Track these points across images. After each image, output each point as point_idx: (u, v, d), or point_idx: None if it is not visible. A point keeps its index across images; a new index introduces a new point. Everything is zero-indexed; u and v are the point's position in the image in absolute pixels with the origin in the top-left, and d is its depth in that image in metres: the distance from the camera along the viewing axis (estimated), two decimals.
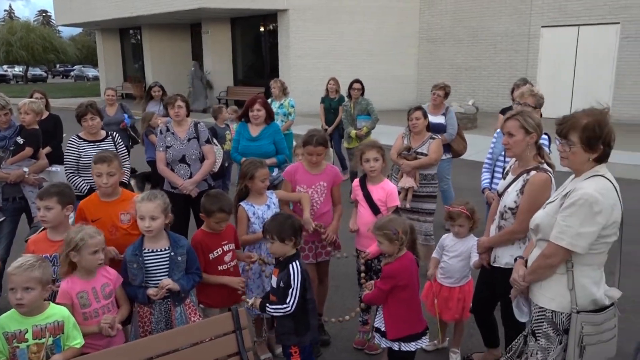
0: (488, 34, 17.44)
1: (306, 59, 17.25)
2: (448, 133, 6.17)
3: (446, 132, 6.16)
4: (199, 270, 3.18)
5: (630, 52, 14.60)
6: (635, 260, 5.42)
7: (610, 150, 2.48)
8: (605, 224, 2.41)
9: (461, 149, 6.36)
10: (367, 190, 3.86)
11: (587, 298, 2.49)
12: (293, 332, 3.05)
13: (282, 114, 8.04)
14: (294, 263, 3.02)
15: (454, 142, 6.27)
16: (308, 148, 3.82)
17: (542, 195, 2.93)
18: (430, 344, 4.02)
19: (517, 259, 2.83)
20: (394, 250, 3.11)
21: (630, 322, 4.33)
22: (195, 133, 4.94)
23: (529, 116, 3.09)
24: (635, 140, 12.21)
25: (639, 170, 9.24)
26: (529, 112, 3.16)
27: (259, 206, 3.74)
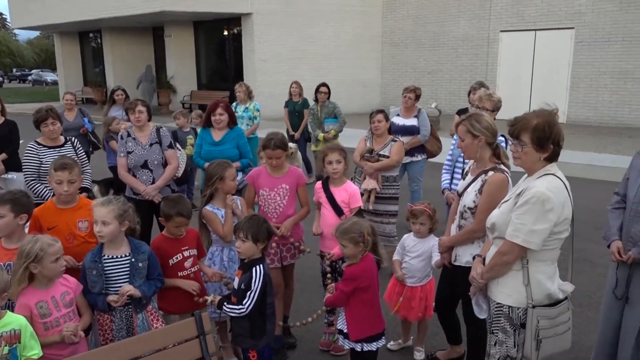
0: (449, 38, 17.81)
1: (271, 62, 17.24)
2: (421, 134, 6.28)
3: (420, 134, 6.27)
4: (161, 276, 3.14)
5: (585, 56, 15.15)
6: (589, 257, 5.63)
7: (559, 149, 2.58)
8: (557, 220, 2.50)
9: (435, 149, 6.48)
10: (330, 192, 3.90)
11: (542, 293, 2.57)
12: (248, 334, 3.06)
13: (247, 117, 8.03)
14: (258, 266, 3.03)
15: (428, 143, 6.38)
16: (266, 151, 3.83)
17: (499, 195, 3.01)
18: (395, 343, 4.08)
19: (475, 257, 2.90)
20: (358, 253, 3.15)
21: (586, 316, 4.49)
22: (157, 138, 4.88)
23: (476, 120, 3.18)
24: (589, 141, 12.68)
25: (593, 170, 9.57)
26: (478, 116, 3.24)
27: (223, 210, 3.72)
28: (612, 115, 14.97)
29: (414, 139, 6.25)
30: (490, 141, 3.18)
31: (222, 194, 3.73)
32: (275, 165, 3.89)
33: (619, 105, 14.79)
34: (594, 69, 15.08)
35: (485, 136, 3.15)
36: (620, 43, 14.56)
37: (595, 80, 15.11)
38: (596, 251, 5.68)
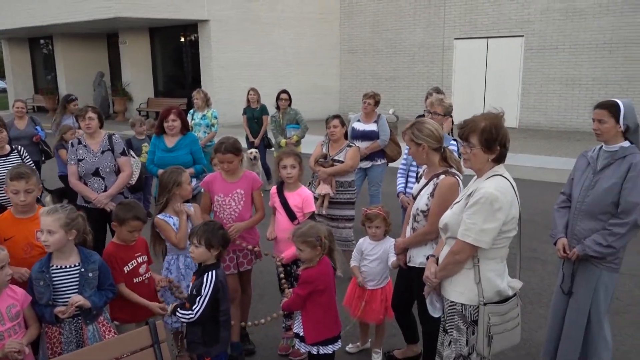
0: (405, 45, 18.13)
1: (229, 69, 17.13)
2: (381, 139, 6.36)
3: (379, 139, 6.35)
4: (113, 286, 3.07)
5: (534, 63, 15.69)
6: (540, 256, 5.81)
7: (506, 150, 2.66)
8: (505, 219, 2.58)
9: (395, 154, 6.57)
10: (284, 196, 3.90)
11: (492, 290, 2.64)
12: (201, 341, 3.03)
13: (204, 125, 7.95)
14: (210, 272, 3.00)
15: (388, 148, 6.47)
16: (218, 155, 3.82)
17: (451, 197, 3.08)
18: (354, 346, 4.10)
19: (429, 257, 2.96)
20: (315, 257, 3.16)
21: (537, 313, 4.64)
22: (109, 145, 4.78)
23: (417, 129, 3.27)
24: (541, 145, 13.12)
25: (544, 172, 9.91)
26: (419, 124, 3.31)
27: (177, 218, 3.67)
28: (561, 119, 15.54)
29: (373, 143, 6.34)
30: (434, 147, 3.26)
31: (175, 202, 3.68)
32: (227, 170, 3.87)
33: (567, 110, 15.37)
34: (543, 76, 15.63)
35: (428, 143, 3.24)
36: (567, 51, 15.16)
37: (545, 86, 15.66)
38: (547, 250, 5.87)
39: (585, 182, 3.29)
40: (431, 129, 3.28)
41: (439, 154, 3.30)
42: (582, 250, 3.20)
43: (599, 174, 3.22)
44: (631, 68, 14.30)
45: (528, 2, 15.53)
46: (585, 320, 3.27)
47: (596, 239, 3.14)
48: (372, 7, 18.73)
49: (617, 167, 3.16)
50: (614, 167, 3.17)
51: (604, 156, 3.25)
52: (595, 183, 3.22)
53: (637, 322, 4.49)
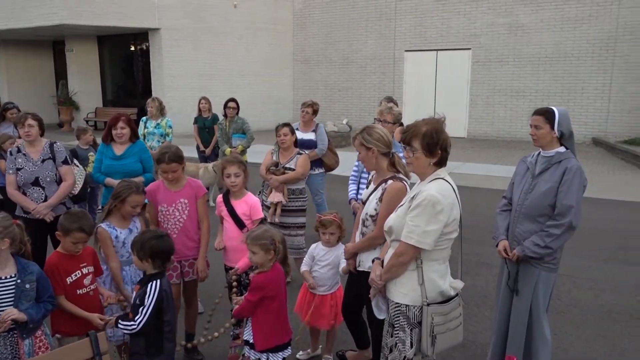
0: (358, 56, 18.41)
1: (181, 79, 16.90)
2: (319, 148, 6.38)
3: (317, 148, 6.37)
4: (52, 298, 2.95)
5: (482, 75, 16.25)
6: (486, 260, 5.99)
7: (447, 155, 2.74)
8: (446, 221, 2.65)
9: (333, 163, 6.61)
10: (231, 205, 3.87)
11: (435, 290, 2.70)
12: (144, 352, 2.95)
13: (158, 134, 7.79)
14: (154, 282, 2.94)
15: (326, 157, 6.50)
16: (162, 166, 3.73)
17: (398, 202, 3.13)
18: (304, 352, 4.09)
19: (374, 260, 3.00)
20: (267, 261, 3.13)
21: (482, 316, 4.76)
22: (50, 153, 4.61)
23: (367, 133, 3.34)
24: (488, 154, 13.57)
25: (491, 180, 10.23)
26: (369, 129, 3.39)
27: (120, 229, 3.57)
28: (507, 130, 16.11)
29: (311, 152, 6.35)
30: (383, 151, 3.33)
31: (119, 214, 3.59)
32: (171, 179, 3.80)
33: (513, 121, 15.96)
34: (489, 87, 16.20)
35: (378, 147, 3.30)
36: (511, 63, 15.78)
37: (491, 97, 16.23)
38: (493, 254, 5.99)
39: (524, 186, 3.42)
40: (381, 133, 3.36)
41: (387, 159, 3.36)
42: (521, 251, 3.32)
43: (537, 178, 3.36)
44: (571, 80, 15.03)
45: (474, 16, 16.10)
46: (527, 318, 3.38)
47: (534, 240, 3.27)
48: (324, 19, 18.95)
49: (553, 172, 3.30)
50: (550, 171, 3.31)
51: (542, 161, 3.39)
52: (534, 187, 3.35)
53: (575, 321, 4.68)
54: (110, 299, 3.34)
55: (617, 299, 5.12)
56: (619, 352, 4.15)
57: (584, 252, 6.36)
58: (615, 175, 10.94)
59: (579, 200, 3.23)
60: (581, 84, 14.94)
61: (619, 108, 14.62)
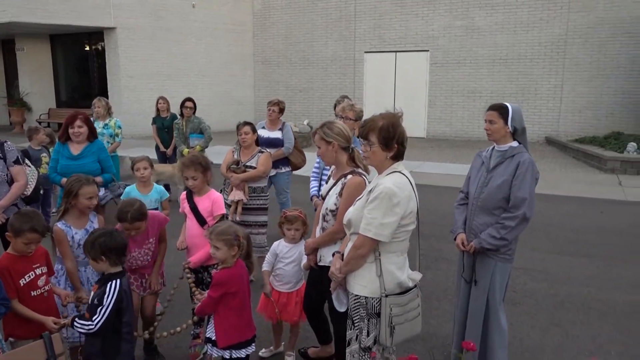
0: (318, 57, 18.48)
1: (138, 79, 16.57)
2: (285, 147, 6.38)
3: (284, 146, 6.36)
4: (6, 300, 2.84)
5: (439, 76, 16.58)
6: (445, 256, 6.11)
7: (404, 149, 2.79)
8: (403, 214, 2.69)
9: (299, 161, 6.61)
10: (194, 202, 3.84)
11: (393, 282, 2.74)
12: (100, 353, 2.88)
13: (108, 134, 7.58)
14: (114, 281, 2.87)
15: (292, 156, 6.50)
16: (125, 225, 3.52)
17: (357, 196, 3.17)
18: (267, 350, 4.08)
19: (334, 254, 3.02)
20: (230, 257, 3.10)
21: (443, 309, 4.86)
22: (1, 153, 4.44)
23: (327, 127, 3.36)
24: (446, 153, 13.85)
25: (449, 178, 10.44)
26: (329, 124, 3.41)
27: (77, 230, 3.47)
28: (465, 129, 16.49)
29: (278, 151, 6.35)
30: (343, 146, 3.35)
31: (76, 212, 3.49)
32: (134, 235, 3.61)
33: (470, 121, 16.35)
34: (447, 88, 16.54)
35: (338, 141, 3.33)
36: (468, 65, 16.16)
37: (449, 98, 16.58)
38: (452, 250, 6.13)
39: (480, 179, 3.52)
40: (341, 128, 3.38)
41: (347, 154, 3.39)
42: (478, 243, 3.40)
43: (491, 172, 3.46)
44: (524, 81, 15.51)
45: (432, 19, 16.42)
46: (484, 307, 3.47)
47: (490, 232, 3.36)
48: (284, 20, 18.94)
49: (507, 165, 3.40)
50: (504, 165, 3.42)
51: (496, 155, 3.49)
52: (489, 180, 3.45)
53: (530, 312, 4.83)
54: (68, 298, 3.25)
55: (569, 289, 5.32)
56: (571, 340, 4.31)
57: (538, 245, 6.58)
58: (567, 173, 11.35)
59: (532, 193, 3.34)
60: (534, 85, 15.45)
61: (570, 108, 15.19)
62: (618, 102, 14.66)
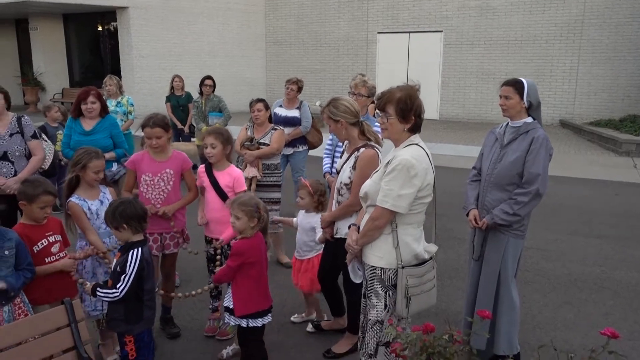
0: (330, 38, 18.34)
1: (150, 59, 16.58)
2: (303, 126, 6.38)
3: (301, 125, 6.37)
4: (31, 266, 2.91)
5: (453, 57, 16.40)
6: (456, 235, 6.13)
7: (421, 121, 2.79)
8: (421, 185, 2.71)
9: (316, 140, 6.62)
10: (214, 176, 3.84)
11: (410, 253, 2.77)
12: (123, 319, 2.96)
13: (121, 112, 7.62)
14: (135, 250, 2.93)
15: (310, 135, 6.50)
16: (146, 130, 3.71)
17: (371, 168, 3.20)
18: (298, 316, 4.20)
19: (350, 226, 3.05)
20: (249, 228, 3.13)
21: (454, 286, 4.89)
22: (18, 127, 4.50)
23: (333, 106, 3.40)
24: (458, 136, 13.77)
25: (461, 160, 10.41)
26: (335, 101, 3.43)
27: (91, 201, 3.50)
28: (478, 112, 16.35)
29: (295, 130, 6.36)
30: (351, 122, 3.38)
31: (85, 184, 3.52)
32: (156, 146, 3.76)
33: (483, 103, 16.20)
34: (461, 70, 16.37)
35: (345, 119, 3.37)
36: (482, 46, 15.96)
37: (463, 80, 16.41)
38: (464, 229, 6.15)
39: (493, 156, 3.51)
40: (346, 104, 3.40)
41: (357, 129, 3.41)
42: (490, 219, 3.41)
43: (505, 148, 3.45)
44: (539, 62, 15.30)
45: None
46: (495, 283, 3.49)
47: (503, 208, 3.36)
48: (296, 0, 18.78)
49: (521, 141, 3.39)
50: (518, 141, 3.40)
51: (510, 131, 3.48)
52: (502, 156, 3.44)
53: (543, 290, 4.85)
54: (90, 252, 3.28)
55: (582, 269, 5.32)
56: (583, 317, 4.32)
57: (551, 226, 6.57)
58: (581, 156, 11.26)
59: (545, 169, 3.33)
60: (549, 67, 15.23)
61: (586, 90, 14.98)
62: (635, 84, 14.42)
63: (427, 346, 2.09)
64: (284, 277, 4.94)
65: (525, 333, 3.95)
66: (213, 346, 3.87)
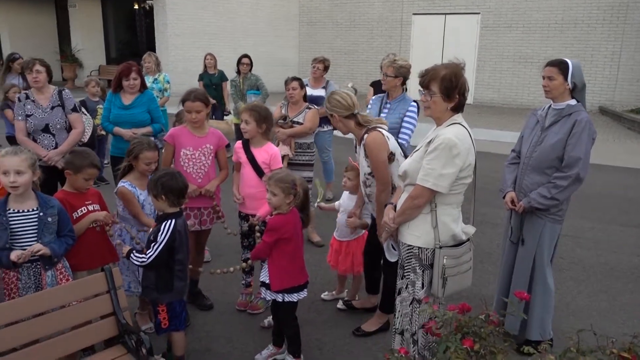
0: (364, 19, 18.12)
1: (185, 37, 16.68)
2: None
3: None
4: (73, 233, 2.99)
5: (489, 40, 16.02)
6: (489, 220, 6.05)
7: (464, 100, 2.73)
8: (462, 165, 2.66)
9: None
10: (251, 152, 3.85)
11: (448, 234, 2.74)
12: (154, 287, 3.04)
13: (157, 89, 7.71)
14: (169, 220, 2.99)
15: None
16: (186, 104, 3.74)
17: (380, 149, 3.25)
18: (329, 294, 4.23)
19: (387, 205, 3.03)
20: (284, 204, 3.15)
21: (487, 271, 4.84)
22: (59, 101, 4.61)
23: (328, 101, 3.48)
24: (492, 120, 13.51)
25: (495, 145, 10.23)
26: (329, 97, 3.48)
27: (141, 190, 3.54)
28: (514, 96, 16.00)
29: (321, 109, 6.31)
30: (344, 115, 3.41)
31: (137, 173, 3.57)
32: (195, 121, 3.80)
33: (519, 88, 15.83)
34: (497, 53, 16.00)
35: (337, 112, 3.40)
36: (520, 30, 15.54)
37: (499, 63, 16.05)
38: (496, 214, 6.10)
39: (533, 138, 3.42)
40: (339, 99, 3.42)
41: (353, 120, 3.43)
42: (527, 202, 3.34)
43: (546, 131, 3.36)
44: (579, 47, 14.82)
45: None
46: (530, 267, 3.44)
47: (541, 192, 3.29)
48: None
49: (563, 124, 3.30)
50: (560, 123, 3.31)
51: (552, 114, 3.38)
52: (543, 139, 3.35)
53: (576, 277, 4.76)
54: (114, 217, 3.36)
55: (619, 258, 5.19)
56: (619, 306, 4.23)
57: (587, 214, 6.42)
58: (620, 144, 10.92)
59: (587, 153, 3.24)
60: (590, 52, 14.75)
61: (628, 77, 14.48)
62: None
63: (462, 325, 2.07)
64: (314, 255, 4.97)
65: (558, 320, 3.89)
66: (244, 319, 3.93)
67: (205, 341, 3.65)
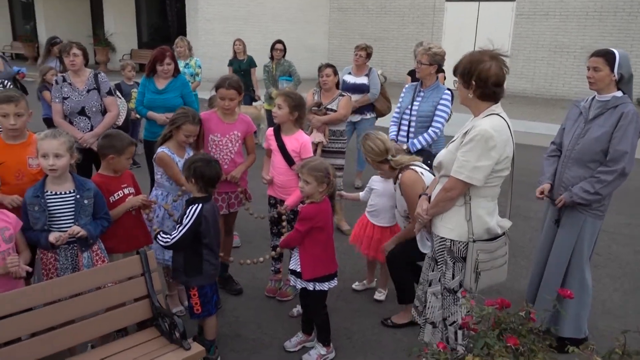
0: (396, 5, 17.85)
1: (215, 23, 16.72)
2: (371, 93, 6.30)
3: (369, 92, 6.28)
4: (108, 215, 3.04)
5: (524, 28, 15.61)
6: (522, 212, 5.94)
7: (493, 88, 2.63)
8: (499, 158, 2.59)
9: (385, 108, 6.52)
10: (282, 140, 3.83)
11: (482, 227, 2.68)
12: (182, 270, 3.07)
13: (189, 74, 7.74)
14: (196, 205, 3.01)
15: (378, 102, 6.41)
16: (220, 91, 3.75)
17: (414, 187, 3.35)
18: (360, 284, 4.22)
19: (421, 195, 2.98)
20: (317, 193, 3.13)
21: (519, 265, 4.76)
22: (95, 84, 4.66)
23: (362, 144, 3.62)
24: (525, 111, 13.20)
25: (528, 136, 9.99)
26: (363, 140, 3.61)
27: (179, 158, 3.61)
28: (548, 87, 15.59)
29: (364, 97, 6.27)
30: (378, 160, 3.54)
31: (176, 142, 3.63)
32: (227, 108, 3.81)
33: (554, 78, 15.41)
34: (532, 42, 15.57)
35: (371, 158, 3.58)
36: (557, 17, 15.08)
37: (533, 52, 15.63)
38: (530, 207, 5.98)
39: (576, 130, 3.32)
40: (372, 145, 3.53)
41: (387, 165, 3.54)
42: (569, 197, 3.25)
43: (590, 123, 3.25)
44: (619, 37, 14.32)
45: None
46: (566, 263, 3.35)
47: (583, 186, 3.19)
48: None
49: (608, 116, 3.18)
50: (605, 116, 3.20)
51: (596, 106, 3.27)
52: (586, 132, 3.25)
53: (612, 274, 4.64)
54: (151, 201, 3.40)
55: None
56: None
57: (624, 209, 6.24)
58: None
59: (634, 147, 3.13)
60: (630, 41, 14.23)
61: None
62: None
63: (500, 322, 2.03)
64: (343, 243, 4.95)
65: (593, 318, 3.79)
66: (274, 306, 3.95)
67: (234, 326, 3.68)
